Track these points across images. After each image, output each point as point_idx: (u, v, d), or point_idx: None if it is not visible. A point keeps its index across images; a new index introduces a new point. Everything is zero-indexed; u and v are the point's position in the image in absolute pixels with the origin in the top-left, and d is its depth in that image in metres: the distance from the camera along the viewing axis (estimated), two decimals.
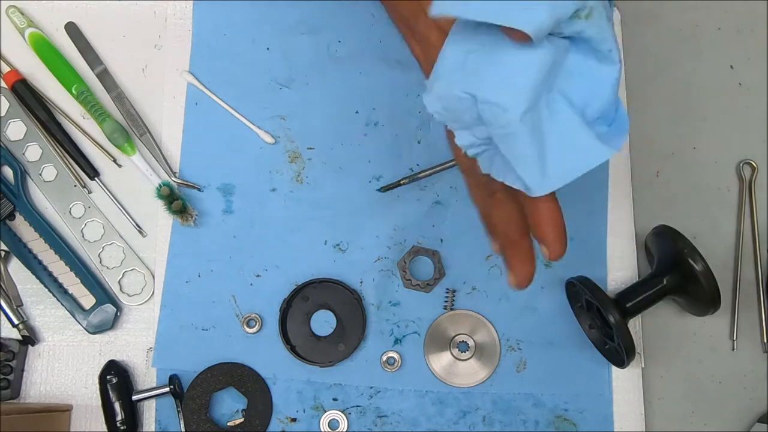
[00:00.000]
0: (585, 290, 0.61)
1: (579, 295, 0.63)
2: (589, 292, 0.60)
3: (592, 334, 0.64)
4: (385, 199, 0.68)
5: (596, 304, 0.60)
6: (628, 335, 0.58)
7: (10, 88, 0.68)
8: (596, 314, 0.62)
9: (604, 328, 0.62)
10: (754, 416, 0.65)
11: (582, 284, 0.61)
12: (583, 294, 0.62)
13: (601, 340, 0.63)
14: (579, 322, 0.65)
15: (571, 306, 0.65)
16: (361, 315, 0.65)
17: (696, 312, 0.64)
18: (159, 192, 0.65)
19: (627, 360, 0.59)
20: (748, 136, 0.70)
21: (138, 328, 0.67)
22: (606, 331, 0.62)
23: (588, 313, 0.63)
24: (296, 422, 0.65)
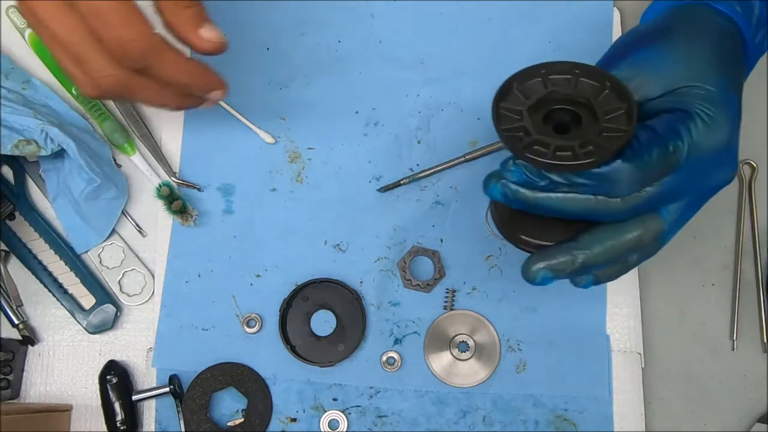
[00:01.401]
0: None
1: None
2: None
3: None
4: (385, 199, 0.68)
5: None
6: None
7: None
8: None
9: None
10: (754, 416, 0.65)
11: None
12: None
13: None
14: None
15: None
16: (361, 315, 0.65)
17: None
18: (159, 192, 0.65)
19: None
20: (748, 136, 0.70)
21: (138, 328, 0.67)
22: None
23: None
24: (296, 422, 0.65)
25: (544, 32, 0.70)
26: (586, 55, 0.69)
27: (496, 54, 0.70)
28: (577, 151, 0.44)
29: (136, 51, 0.47)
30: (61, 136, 0.62)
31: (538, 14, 0.70)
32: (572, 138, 0.45)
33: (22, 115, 0.62)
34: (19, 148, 0.61)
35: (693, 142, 0.46)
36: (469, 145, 0.68)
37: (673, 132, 0.46)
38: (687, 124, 0.46)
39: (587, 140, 0.45)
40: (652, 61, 0.49)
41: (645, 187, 0.46)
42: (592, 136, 0.45)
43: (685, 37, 0.49)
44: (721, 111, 0.47)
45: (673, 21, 0.51)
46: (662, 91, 0.48)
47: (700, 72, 0.48)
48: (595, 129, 0.45)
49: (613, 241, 0.47)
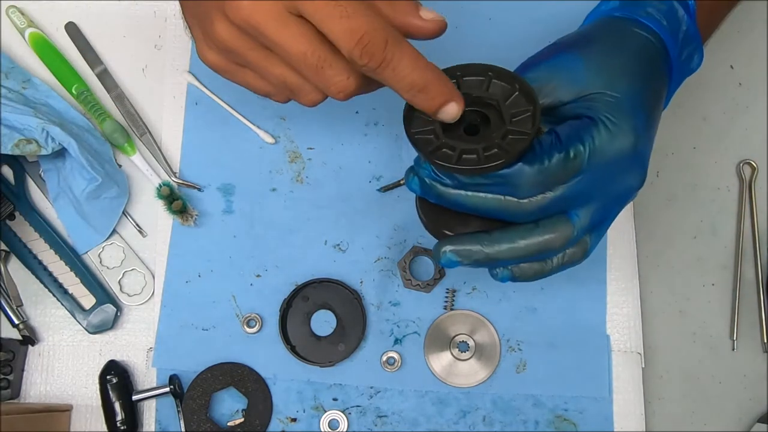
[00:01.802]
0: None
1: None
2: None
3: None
4: (385, 199, 0.68)
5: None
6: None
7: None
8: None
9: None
10: (754, 416, 0.65)
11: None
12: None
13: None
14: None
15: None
16: (361, 315, 0.65)
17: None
18: (159, 192, 0.65)
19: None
20: (748, 136, 0.70)
21: (138, 328, 0.67)
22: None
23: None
24: (296, 422, 0.65)
25: (544, 32, 0.70)
26: None
27: (496, 54, 0.70)
28: (480, 154, 0.46)
29: (377, 42, 0.42)
30: (62, 135, 0.62)
31: (538, 14, 0.70)
32: (478, 141, 0.47)
33: (23, 114, 0.62)
34: (19, 147, 0.61)
35: (595, 148, 0.47)
36: None
37: (575, 137, 0.47)
38: (590, 130, 0.47)
39: (491, 143, 0.46)
40: (568, 66, 0.50)
41: (548, 190, 0.47)
42: (497, 139, 0.46)
43: (603, 47, 0.50)
44: (626, 119, 0.48)
45: (597, 31, 0.52)
46: (574, 97, 0.49)
47: (611, 80, 0.49)
48: (501, 132, 0.46)
49: (523, 241, 0.49)
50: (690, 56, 0.55)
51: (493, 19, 0.70)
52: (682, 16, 0.53)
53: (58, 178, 0.66)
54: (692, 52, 0.55)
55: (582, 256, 0.51)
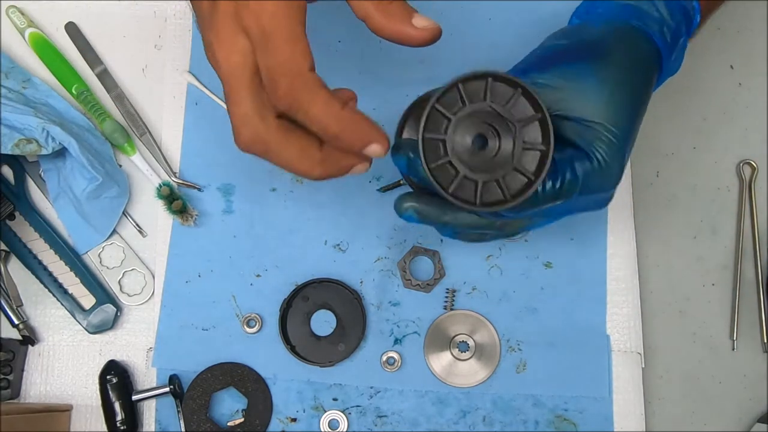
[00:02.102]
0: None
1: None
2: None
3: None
4: (385, 199, 0.68)
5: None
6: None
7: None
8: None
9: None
10: (754, 416, 0.65)
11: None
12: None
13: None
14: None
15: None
16: (361, 315, 0.65)
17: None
18: (159, 192, 0.65)
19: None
20: (748, 136, 0.70)
21: (138, 328, 0.67)
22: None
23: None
24: (296, 422, 0.65)
25: (543, 32, 0.70)
26: None
27: (496, 54, 0.70)
28: (479, 186, 0.47)
29: (284, 81, 0.44)
30: (62, 135, 0.62)
31: (538, 14, 0.70)
32: (481, 161, 0.47)
33: (23, 114, 0.62)
34: (19, 147, 0.61)
35: (585, 183, 0.49)
36: None
37: (570, 171, 0.49)
38: (584, 165, 0.49)
39: (493, 177, 0.47)
40: (580, 81, 0.50)
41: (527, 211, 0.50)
42: (501, 175, 0.47)
43: (617, 66, 0.50)
44: (619, 160, 0.50)
45: (610, 40, 0.52)
46: (579, 115, 0.50)
47: (617, 112, 0.50)
48: (506, 165, 0.47)
49: (481, 222, 0.51)
50: (674, 64, 0.56)
51: (493, 19, 0.70)
52: (681, 32, 0.54)
53: (59, 177, 0.66)
54: (676, 60, 0.55)
55: (518, 233, 0.54)
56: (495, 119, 0.47)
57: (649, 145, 0.70)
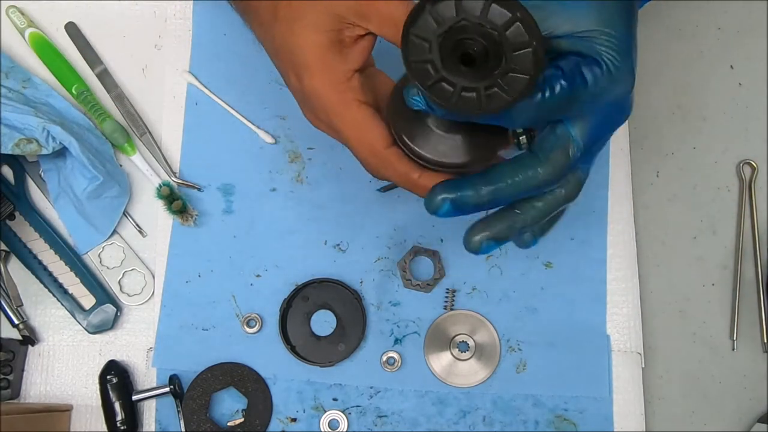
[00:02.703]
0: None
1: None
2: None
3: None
4: (385, 199, 0.68)
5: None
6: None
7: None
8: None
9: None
10: (754, 416, 0.65)
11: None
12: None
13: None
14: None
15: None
16: (361, 315, 0.65)
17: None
18: (159, 192, 0.65)
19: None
20: (748, 136, 0.70)
21: (138, 328, 0.67)
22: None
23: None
24: (296, 422, 0.65)
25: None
26: None
27: None
28: (481, 93, 0.43)
29: (368, 169, 0.52)
30: (62, 134, 0.62)
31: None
32: (478, 77, 0.44)
33: (23, 114, 0.62)
34: (20, 147, 0.61)
35: (597, 90, 0.46)
36: None
37: (579, 75, 0.46)
38: (594, 70, 0.46)
39: (492, 82, 0.43)
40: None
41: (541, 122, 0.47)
42: (498, 77, 0.43)
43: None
44: (626, 61, 0.46)
45: None
46: (569, 30, 0.46)
47: (608, 17, 0.46)
48: (502, 68, 0.44)
49: (526, 181, 0.47)
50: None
51: None
52: None
53: (59, 177, 0.66)
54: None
55: (578, 190, 0.50)
56: (474, 31, 0.45)
57: (649, 145, 0.70)
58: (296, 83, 0.51)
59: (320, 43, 0.49)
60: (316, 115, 0.52)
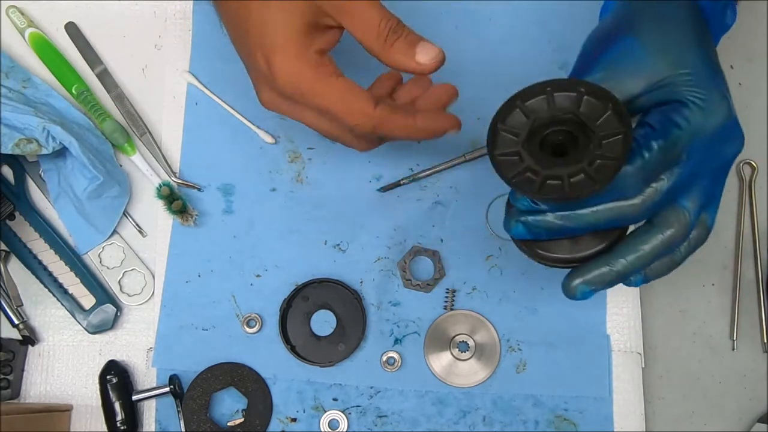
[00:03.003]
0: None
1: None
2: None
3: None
4: (385, 199, 0.68)
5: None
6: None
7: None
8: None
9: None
10: (754, 416, 0.65)
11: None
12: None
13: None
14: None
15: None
16: (361, 315, 0.65)
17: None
18: (159, 192, 0.65)
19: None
20: (748, 136, 0.69)
21: (138, 328, 0.67)
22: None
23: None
24: (296, 422, 0.65)
25: (544, 32, 0.70)
26: None
27: (496, 54, 0.70)
28: (565, 181, 0.44)
29: (364, 131, 0.53)
30: (63, 134, 0.62)
31: (538, 14, 0.70)
32: (565, 164, 0.44)
33: (23, 114, 0.62)
34: (20, 147, 0.61)
35: (693, 130, 0.46)
36: (469, 144, 0.68)
37: (669, 123, 0.46)
38: (682, 112, 0.46)
39: (578, 169, 0.44)
40: (625, 56, 0.47)
41: (654, 183, 0.46)
42: (585, 164, 0.44)
43: (651, 24, 0.48)
44: (712, 91, 0.46)
45: (635, 10, 0.49)
46: (645, 86, 0.47)
47: (678, 57, 0.47)
48: (589, 157, 0.44)
49: (645, 245, 0.48)
50: (723, 11, 0.52)
51: (493, 19, 0.70)
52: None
53: (59, 177, 0.66)
54: (724, 7, 0.52)
55: (706, 235, 0.50)
56: (564, 123, 0.46)
57: None
58: (263, 64, 0.51)
59: (294, 24, 0.51)
60: (286, 94, 0.52)
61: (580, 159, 0.44)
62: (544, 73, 0.69)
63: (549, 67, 0.69)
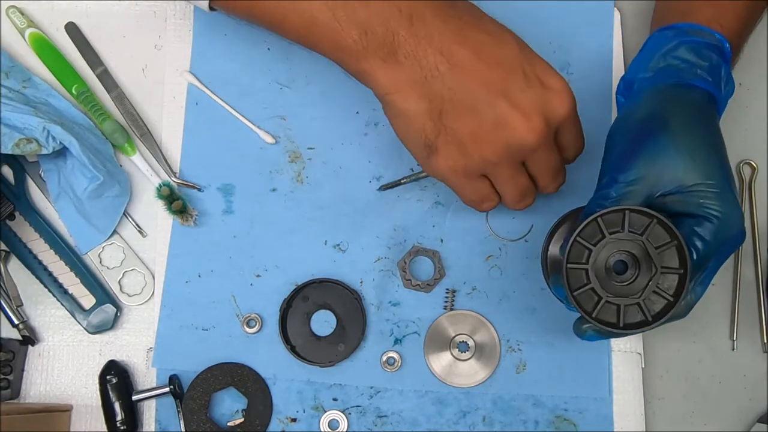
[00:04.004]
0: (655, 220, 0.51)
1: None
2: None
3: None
4: (385, 199, 0.68)
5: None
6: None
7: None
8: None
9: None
10: (754, 416, 0.65)
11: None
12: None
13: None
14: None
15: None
16: (361, 315, 0.65)
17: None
18: (159, 192, 0.65)
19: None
20: (748, 136, 0.70)
21: (138, 328, 0.67)
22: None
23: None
24: (296, 422, 0.65)
25: (544, 33, 0.70)
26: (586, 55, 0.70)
27: None
28: (642, 306, 0.51)
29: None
30: (63, 134, 0.62)
31: (538, 14, 0.70)
32: (633, 287, 0.51)
33: (23, 114, 0.62)
34: (20, 146, 0.61)
35: (719, 242, 0.52)
36: None
37: (698, 239, 0.52)
38: (708, 228, 0.52)
39: (636, 300, 0.51)
40: (659, 156, 0.52)
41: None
42: (644, 299, 0.51)
43: (680, 128, 0.53)
44: (733, 205, 0.52)
45: (661, 107, 0.55)
46: (674, 187, 0.52)
47: (705, 167, 0.52)
48: (648, 290, 0.51)
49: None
50: (728, 92, 0.58)
51: None
52: (720, 65, 0.56)
53: (59, 177, 0.66)
54: (730, 88, 0.58)
55: (687, 312, 0.55)
56: (632, 247, 0.51)
57: None
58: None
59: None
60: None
61: (640, 292, 0.51)
62: None
63: None
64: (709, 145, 0.53)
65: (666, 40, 0.57)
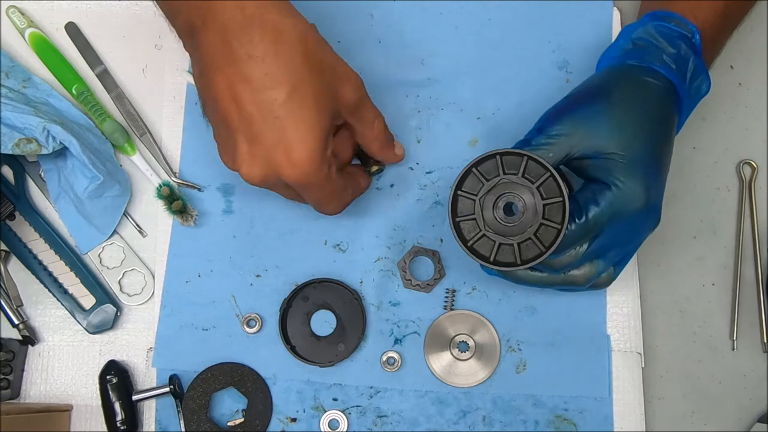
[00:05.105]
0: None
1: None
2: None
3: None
4: (385, 199, 0.68)
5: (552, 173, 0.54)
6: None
7: None
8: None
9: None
10: (754, 416, 0.65)
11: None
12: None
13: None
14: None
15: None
16: (361, 315, 0.65)
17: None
18: (159, 192, 0.65)
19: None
20: (748, 136, 0.70)
21: (138, 328, 0.67)
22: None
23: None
24: (296, 422, 0.65)
25: (544, 32, 0.70)
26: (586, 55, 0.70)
27: (496, 54, 0.70)
28: (515, 247, 0.55)
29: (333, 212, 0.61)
30: (63, 134, 0.62)
31: (538, 14, 0.70)
32: (515, 229, 0.55)
33: (23, 114, 0.62)
34: (20, 146, 0.61)
35: (612, 212, 0.54)
36: (468, 144, 0.68)
37: (593, 203, 0.54)
38: (606, 196, 0.54)
39: (527, 236, 0.54)
40: (590, 120, 0.55)
41: (574, 249, 0.56)
42: (532, 233, 0.54)
43: (620, 101, 0.55)
44: (639, 180, 0.54)
45: (611, 81, 0.57)
46: (594, 152, 0.55)
47: (627, 140, 0.54)
48: (535, 225, 0.54)
49: (555, 277, 0.59)
50: (698, 87, 0.59)
51: (492, 19, 0.70)
52: (688, 56, 0.57)
53: (59, 177, 0.66)
54: (700, 83, 0.59)
55: (608, 284, 0.60)
56: (513, 188, 0.55)
57: None
58: (281, 152, 0.53)
59: (322, 122, 0.53)
60: (288, 181, 0.55)
61: (527, 227, 0.54)
62: (543, 73, 0.69)
63: (548, 67, 0.69)
64: (642, 123, 0.55)
65: (640, 24, 0.59)
